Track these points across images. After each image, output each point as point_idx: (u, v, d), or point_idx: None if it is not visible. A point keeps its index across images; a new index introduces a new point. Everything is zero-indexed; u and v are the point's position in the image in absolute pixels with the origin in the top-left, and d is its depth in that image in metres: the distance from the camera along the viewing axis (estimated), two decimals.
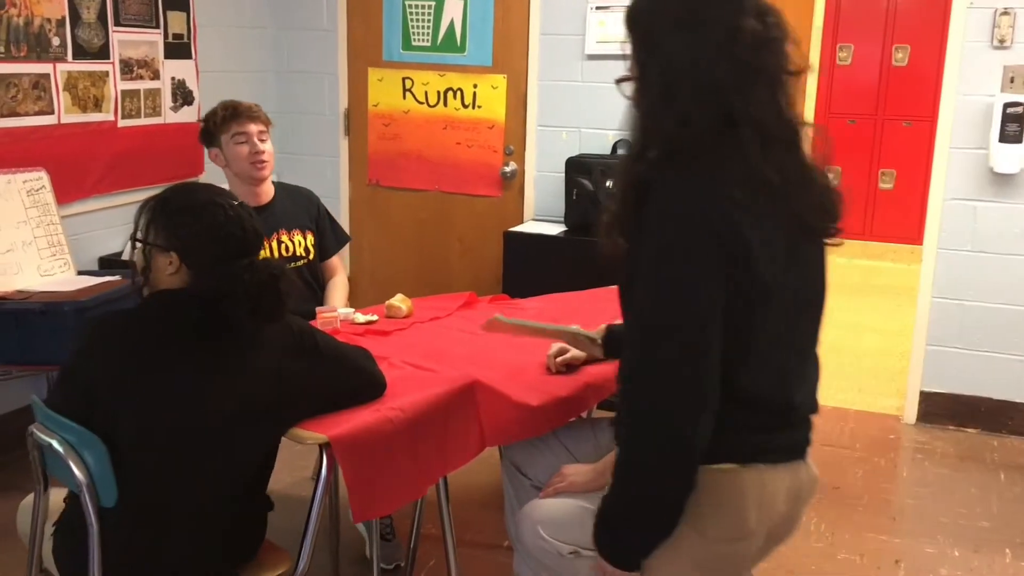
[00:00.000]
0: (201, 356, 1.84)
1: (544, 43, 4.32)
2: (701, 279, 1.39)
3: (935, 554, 3.04)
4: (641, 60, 1.48)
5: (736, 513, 1.48)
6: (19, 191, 3.38)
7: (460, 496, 3.09)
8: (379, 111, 4.73)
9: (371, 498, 2.00)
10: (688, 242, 1.39)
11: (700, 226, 1.39)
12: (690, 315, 1.39)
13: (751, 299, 1.42)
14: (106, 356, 1.83)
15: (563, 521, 2.14)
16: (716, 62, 1.41)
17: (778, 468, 1.50)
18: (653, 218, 1.42)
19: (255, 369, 1.86)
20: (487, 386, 2.24)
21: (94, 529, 1.79)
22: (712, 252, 1.39)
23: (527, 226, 4.34)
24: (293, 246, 2.99)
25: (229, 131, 2.87)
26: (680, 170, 1.43)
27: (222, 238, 1.86)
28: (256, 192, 2.95)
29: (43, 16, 3.54)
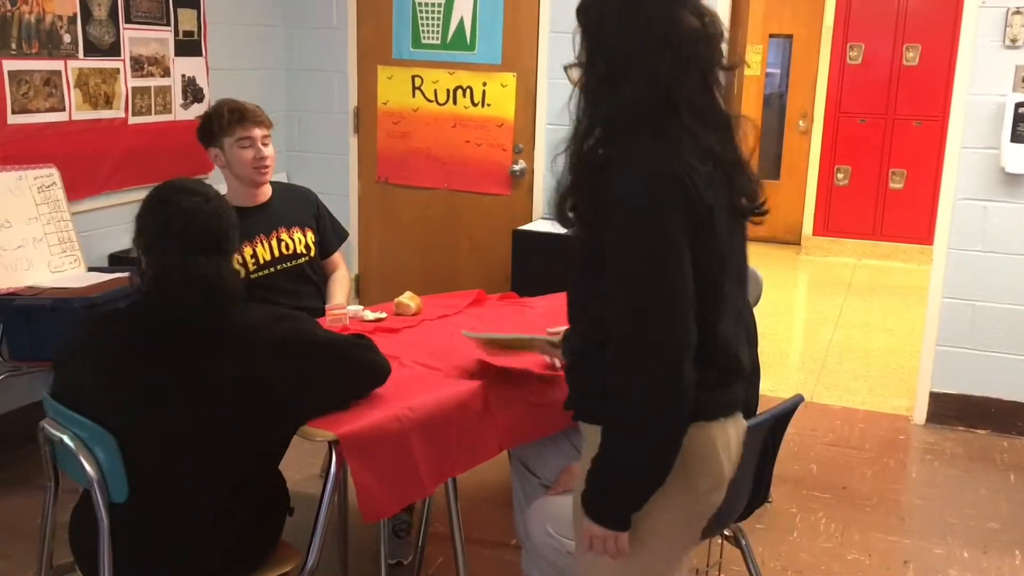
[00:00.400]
0: (160, 358, 1.82)
1: (554, 41, 4.32)
2: (679, 229, 1.50)
3: (944, 555, 3.03)
4: (589, 48, 1.60)
5: (716, 464, 1.63)
6: (30, 187, 3.39)
7: (468, 494, 3.09)
8: (388, 109, 4.73)
9: (380, 497, 2.00)
10: (662, 197, 1.49)
11: (670, 183, 1.50)
12: (674, 264, 1.50)
13: (710, 259, 1.55)
14: (83, 358, 1.88)
15: (572, 518, 2.14)
16: (655, 52, 1.54)
17: (732, 419, 1.65)
18: (621, 183, 1.52)
19: (222, 372, 1.81)
20: (497, 388, 2.24)
21: (104, 524, 1.80)
22: (682, 207, 1.50)
23: (536, 224, 4.34)
24: (293, 244, 2.99)
25: (234, 135, 2.86)
26: (637, 139, 1.53)
27: (173, 233, 1.84)
28: (254, 193, 2.96)
29: (54, 13, 3.55)
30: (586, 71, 1.60)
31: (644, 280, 1.51)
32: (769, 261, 6.97)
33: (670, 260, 1.50)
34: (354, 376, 2.06)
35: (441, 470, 2.14)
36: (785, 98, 7.93)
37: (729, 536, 2.46)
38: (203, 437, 1.81)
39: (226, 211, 1.93)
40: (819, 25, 7.46)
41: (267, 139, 2.92)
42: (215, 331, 1.84)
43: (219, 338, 1.83)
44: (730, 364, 1.64)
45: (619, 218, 1.52)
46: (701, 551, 2.53)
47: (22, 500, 3.24)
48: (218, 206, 1.91)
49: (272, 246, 2.93)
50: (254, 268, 2.91)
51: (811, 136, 7.75)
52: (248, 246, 2.90)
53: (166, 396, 1.80)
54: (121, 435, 1.79)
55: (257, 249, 2.91)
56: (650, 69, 1.54)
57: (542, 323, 2.80)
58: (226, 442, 1.83)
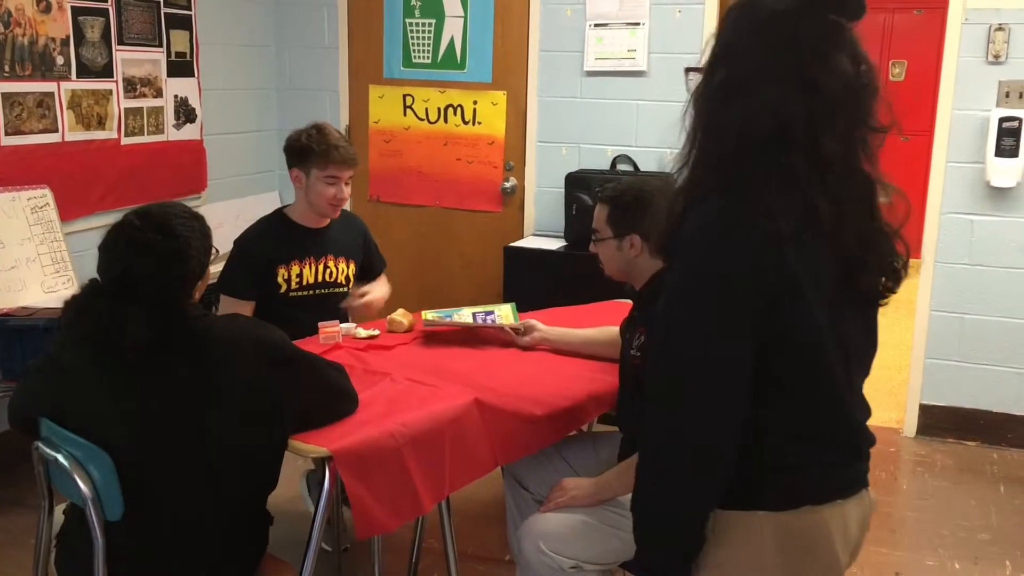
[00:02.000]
0: (119, 374, 1.83)
1: (544, 60, 4.36)
2: (736, 297, 1.32)
3: (935, 567, 3.04)
4: (714, 53, 1.41)
5: (828, 552, 1.44)
6: (23, 208, 3.41)
7: (462, 509, 3.10)
8: (380, 128, 4.76)
9: (375, 513, 2.00)
10: (727, 254, 1.32)
11: (735, 257, 1.31)
12: (708, 352, 1.33)
13: (797, 333, 1.35)
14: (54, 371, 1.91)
15: (565, 535, 2.16)
16: (785, 82, 1.33)
17: (850, 500, 1.47)
18: (692, 225, 1.36)
19: (202, 382, 1.82)
20: (489, 402, 2.26)
21: (99, 543, 1.80)
22: (747, 288, 1.31)
23: (527, 241, 4.36)
24: (336, 273, 3.01)
25: (325, 170, 2.86)
26: (728, 176, 1.34)
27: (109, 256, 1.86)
28: (318, 218, 2.99)
29: (47, 35, 3.58)
30: (704, 77, 1.41)
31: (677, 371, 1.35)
32: None
33: (708, 350, 1.32)
34: (326, 404, 2.07)
35: (437, 486, 2.14)
36: None
37: None
38: (186, 450, 1.82)
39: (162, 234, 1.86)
40: None
41: (350, 179, 2.93)
42: (188, 339, 1.83)
43: (197, 346, 1.83)
44: (844, 444, 1.46)
45: (673, 277, 1.39)
46: None
47: (17, 519, 3.24)
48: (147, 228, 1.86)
49: (319, 270, 2.97)
50: (296, 287, 2.93)
51: None
52: (296, 265, 2.92)
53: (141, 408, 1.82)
54: (113, 451, 1.81)
55: (304, 270, 2.93)
56: (771, 98, 1.33)
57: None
58: (210, 454, 1.84)
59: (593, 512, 2.19)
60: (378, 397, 2.25)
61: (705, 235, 1.34)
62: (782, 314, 1.32)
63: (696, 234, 1.35)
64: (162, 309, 1.81)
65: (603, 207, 2.35)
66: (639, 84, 4.20)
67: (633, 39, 4.16)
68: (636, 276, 2.33)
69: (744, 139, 1.34)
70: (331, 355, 2.57)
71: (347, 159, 2.88)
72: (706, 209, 1.35)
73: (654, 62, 4.16)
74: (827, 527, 1.43)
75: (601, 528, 2.17)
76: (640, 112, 4.22)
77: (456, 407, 2.20)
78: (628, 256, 2.30)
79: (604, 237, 2.34)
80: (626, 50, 4.18)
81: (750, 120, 1.34)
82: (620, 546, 2.19)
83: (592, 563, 2.17)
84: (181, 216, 1.90)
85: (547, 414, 2.32)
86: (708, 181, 1.37)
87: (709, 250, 1.34)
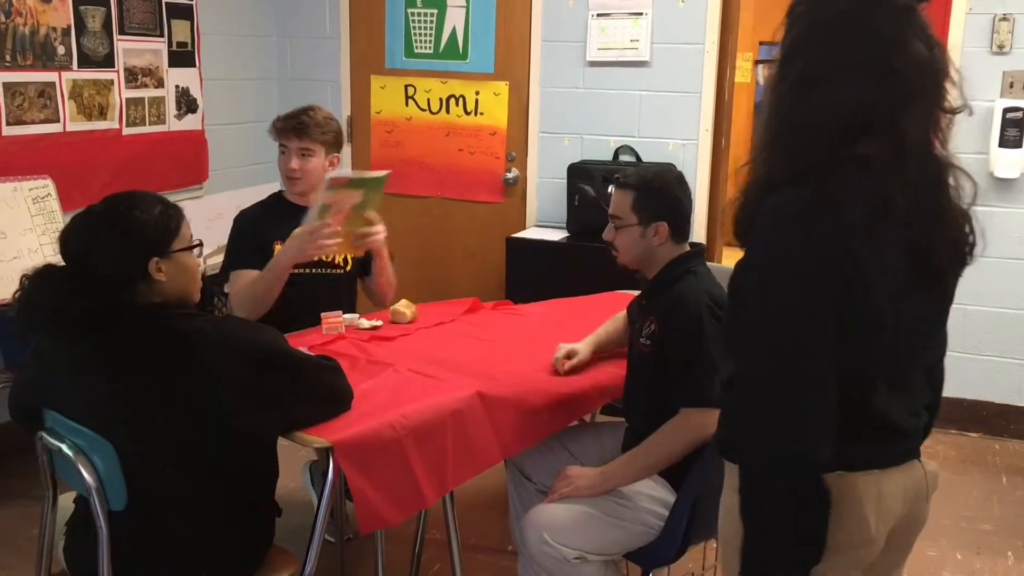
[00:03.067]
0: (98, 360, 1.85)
1: (546, 50, 4.35)
2: (808, 299, 1.34)
3: (937, 557, 3.05)
4: (787, 48, 1.42)
5: (857, 520, 1.44)
6: (25, 199, 3.40)
7: (464, 500, 3.10)
8: (382, 118, 4.75)
9: (377, 505, 2.00)
10: (794, 262, 1.34)
11: (808, 246, 1.33)
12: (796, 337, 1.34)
13: (865, 318, 1.36)
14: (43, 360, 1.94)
15: (568, 526, 2.16)
16: (862, 72, 1.35)
17: (891, 471, 1.47)
18: (770, 208, 1.37)
19: (187, 382, 1.81)
20: (492, 393, 2.25)
21: (103, 533, 1.80)
22: (824, 276, 1.33)
23: (529, 232, 4.36)
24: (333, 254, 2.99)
25: (278, 139, 2.92)
26: (799, 182, 1.36)
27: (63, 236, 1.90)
28: (308, 196, 2.96)
29: (49, 25, 3.57)
30: (779, 71, 1.42)
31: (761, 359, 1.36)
32: None
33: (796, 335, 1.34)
34: (324, 396, 2.05)
35: (440, 479, 2.13)
36: None
37: None
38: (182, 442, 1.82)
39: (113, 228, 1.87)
40: None
41: (308, 151, 2.89)
42: (173, 338, 1.82)
43: (183, 346, 1.82)
44: (898, 426, 1.48)
45: (753, 253, 1.39)
46: (695, 555, 2.54)
47: (19, 510, 3.24)
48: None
49: None
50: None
51: None
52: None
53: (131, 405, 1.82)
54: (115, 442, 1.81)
55: None
56: (850, 87, 1.35)
57: (535, 330, 2.83)
58: (207, 449, 1.84)
59: (597, 503, 2.19)
60: (380, 388, 2.25)
61: (780, 224, 1.36)
62: (850, 301, 1.34)
63: (771, 223, 1.37)
64: (105, 283, 1.81)
65: (627, 193, 2.30)
66: (642, 74, 4.18)
67: (636, 29, 4.14)
68: (652, 264, 2.32)
69: (823, 129, 1.36)
70: (334, 345, 2.57)
71: (292, 127, 2.87)
72: (782, 198, 1.37)
73: (657, 52, 4.14)
74: (856, 492, 1.43)
75: (605, 519, 2.17)
76: (643, 102, 4.21)
77: (458, 399, 2.20)
78: (651, 244, 2.28)
79: (628, 224, 2.29)
80: (629, 40, 4.16)
81: (829, 110, 1.35)
82: (624, 537, 2.20)
83: (596, 554, 2.17)
84: (140, 198, 1.91)
85: (550, 404, 2.32)
86: (785, 170, 1.39)
87: (783, 239, 1.35)
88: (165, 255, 1.88)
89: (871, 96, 1.34)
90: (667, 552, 2.18)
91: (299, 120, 2.89)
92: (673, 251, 2.30)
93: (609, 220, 2.34)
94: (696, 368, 2.14)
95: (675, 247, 2.30)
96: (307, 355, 2.08)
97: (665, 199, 2.27)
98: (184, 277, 1.93)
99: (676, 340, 2.18)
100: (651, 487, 2.22)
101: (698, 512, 2.10)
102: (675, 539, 2.15)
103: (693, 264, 2.29)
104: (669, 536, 2.17)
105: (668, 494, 2.21)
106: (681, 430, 2.16)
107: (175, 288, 1.91)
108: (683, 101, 4.13)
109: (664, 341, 2.22)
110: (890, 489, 1.48)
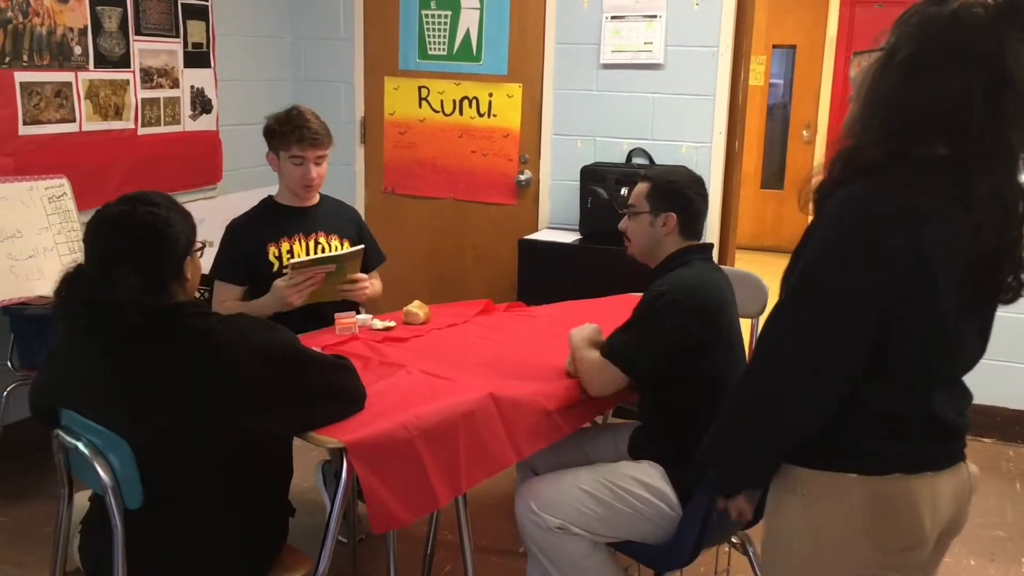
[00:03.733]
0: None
1: (560, 52, 4.35)
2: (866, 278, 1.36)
3: (950, 563, 3.03)
4: (905, 44, 1.40)
5: (913, 521, 1.47)
6: (41, 198, 3.42)
7: (477, 502, 3.10)
8: (395, 119, 4.76)
9: (390, 506, 2.00)
10: (861, 247, 1.36)
11: (878, 234, 1.35)
12: (830, 332, 1.38)
13: (923, 321, 1.39)
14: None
15: (556, 499, 2.23)
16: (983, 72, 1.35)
17: (943, 473, 1.50)
18: (840, 202, 1.39)
19: (202, 376, 1.81)
20: (505, 395, 2.25)
21: (119, 531, 1.81)
22: (882, 266, 1.36)
23: (542, 234, 4.35)
24: (329, 248, 3.00)
25: (289, 150, 2.87)
26: (881, 169, 1.38)
27: (92, 236, 1.90)
28: (302, 197, 2.98)
29: (66, 25, 3.59)
30: (885, 55, 1.42)
31: (794, 340, 1.41)
32: (774, 271, 6.94)
33: (830, 331, 1.38)
34: (337, 395, 2.06)
35: (453, 480, 2.13)
36: (789, 108, 7.96)
37: (737, 544, 2.48)
38: (191, 440, 1.82)
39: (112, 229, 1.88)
40: (822, 35, 7.49)
41: (321, 159, 2.91)
42: (186, 337, 1.83)
43: (198, 346, 1.82)
44: (945, 424, 1.50)
45: (820, 235, 1.41)
46: (708, 559, 2.54)
47: (35, 508, 3.26)
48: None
49: (309, 246, 2.95)
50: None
51: (815, 146, 7.77)
52: (286, 242, 2.93)
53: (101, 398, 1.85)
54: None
55: (295, 246, 2.94)
56: (957, 84, 1.35)
57: (548, 331, 2.83)
58: (220, 449, 1.84)
59: (586, 480, 2.27)
60: (392, 389, 2.26)
61: (855, 208, 1.37)
62: (911, 294, 1.36)
63: (847, 205, 1.38)
64: (148, 283, 1.81)
65: (645, 184, 2.43)
66: (656, 77, 4.18)
67: (650, 31, 4.14)
68: (656, 254, 2.40)
69: (919, 119, 1.37)
70: (347, 346, 2.58)
71: (308, 138, 2.86)
72: (862, 183, 1.39)
73: (670, 55, 4.14)
74: (915, 496, 1.46)
75: (592, 495, 2.23)
76: (656, 105, 4.20)
77: (470, 400, 2.20)
78: (658, 233, 2.37)
79: (641, 211, 2.40)
80: (643, 42, 4.16)
81: (931, 102, 1.36)
82: (610, 516, 2.23)
83: (580, 528, 2.20)
84: (161, 197, 1.92)
85: (563, 406, 2.32)
86: (869, 155, 1.40)
87: (856, 223, 1.37)
88: (191, 254, 1.94)
89: (976, 96, 1.34)
90: (681, 555, 2.18)
91: (308, 130, 2.86)
92: (679, 244, 2.38)
93: (626, 211, 2.45)
94: (632, 329, 2.28)
95: (681, 241, 2.38)
96: (321, 354, 2.08)
97: (679, 193, 2.37)
98: (196, 277, 1.99)
99: (637, 307, 2.31)
100: (646, 472, 2.26)
101: (711, 515, 2.09)
102: (688, 542, 2.15)
103: (692, 256, 2.36)
104: (682, 539, 2.17)
105: (664, 484, 2.25)
106: (593, 369, 2.32)
107: (191, 287, 1.96)
108: (697, 104, 4.12)
109: None
110: (943, 491, 1.50)
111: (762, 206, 8.04)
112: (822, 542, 1.50)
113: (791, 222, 7.66)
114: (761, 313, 3.04)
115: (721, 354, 2.28)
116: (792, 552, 1.54)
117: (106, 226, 1.87)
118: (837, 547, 1.48)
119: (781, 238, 7.69)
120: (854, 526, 1.46)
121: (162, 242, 1.85)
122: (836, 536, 1.48)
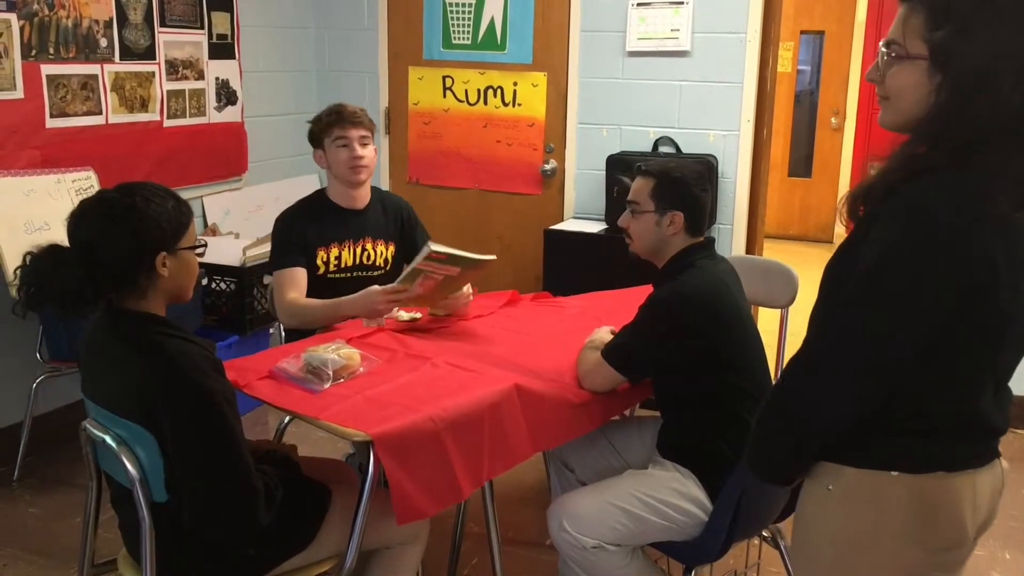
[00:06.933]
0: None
1: (585, 40, 4.31)
2: (920, 295, 1.33)
3: (986, 556, 2.98)
4: (943, 42, 1.37)
5: (956, 519, 1.45)
6: (68, 190, 3.44)
7: (504, 494, 3.09)
8: (419, 109, 4.74)
9: (414, 498, 1.99)
10: (920, 251, 1.33)
11: (939, 237, 1.32)
12: (886, 334, 1.35)
13: (988, 325, 1.38)
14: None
15: (589, 517, 2.17)
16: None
17: (983, 470, 1.48)
18: (894, 212, 1.37)
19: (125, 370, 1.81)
20: (530, 388, 2.24)
21: (147, 523, 1.81)
22: (945, 265, 1.33)
23: (568, 224, 4.32)
24: (375, 256, 3.01)
25: (331, 135, 2.90)
26: (949, 167, 1.35)
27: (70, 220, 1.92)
28: (353, 195, 2.97)
29: (91, 17, 3.60)
30: (936, 69, 1.39)
31: (846, 343, 1.39)
32: (802, 260, 6.89)
33: (887, 332, 1.35)
34: (209, 483, 1.81)
35: (475, 472, 2.12)
36: (816, 95, 7.86)
37: (767, 537, 2.45)
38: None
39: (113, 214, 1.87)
40: (851, 21, 7.39)
41: (366, 140, 2.94)
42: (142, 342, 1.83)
43: (148, 352, 1.81)
44: (986, 425, 1.48)
45: (883, 235, 1.37)
46: (739, 552, 2.51)
47: (63, 499, 3.28)
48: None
49: (357, 253, 2.97)
50: (335, 269, 2.94)
51: (843, 133, 7.68)
52: (336, 247, 2.93)
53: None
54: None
55: (343, 253, 2.95)
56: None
57: (575, 322, 2.80)
58: None
59: (620, 495, 2.20)
60: (419, 382, 2.25)
61: (918, 209, 1.34)
62: (973, 297, 1.33)
63: (910, 206, 1.35)
64: (92, 273, 1.80)
65: (647, 180, 2.31)
66: (682, 64, 4.13)
67: (676, 18, 4.09)
68: (663, 254, 2.33)
69: (990, 117, 1.34)
70: (373, 338, 2.57)
71: (347, 118, 2.89)
72: (924, 184, 1.36)
73: (697, 42, 4.08)
74: (958, 494, 1.44)
75: (626, 511, 2.17)
76: (683, 93, 4.16)
77: (496, 392, 2.18)
78: (664, 233, 2.29)
79: (645, 210, 2.30)
80: (669, 29, 4.11)
81: (1002, 101, 1.33)
82: (644, 530, 2.19)
83: (615, 544, 2.16)
84: (158, 193, 1.89)
85: (588, 400, 2.29)
86: (935, 153, 1.38)
87: (919, 225, 1.33)
88: (172, 251, 1.88)
89: None
90: (710, 549, 2.15)
91: (349, 111, 2.92)
92: (685, 243, 2.30)
93: (627, 206, 2.34)
94: (632, 332, 2.24)
95: (688, 239, 2.30)
96: (241, 447, 1.83)
97: (684, 190, 2.27)
98: (184, 276, 1.94)
99: (641, 310, 2.26)
100: (680, 481, 2.21)
101: (742, 510, 2.06)
102: (718, 536, 2.12)
103: (700, 256, 2.29)
104: (712, 533, 2.15)
105: (698, 490, 2.19)
106: (588, 364, 2.30)
107: (173, 284, 1.91)
108: (724, 91, 4.07)
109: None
110: (982, 488, 1.48)
111: (789, 194, 7.95)
112: (858, 540, 1.46)
113: (818, 210, 7.57)
114: (791, 303, 2.99)
115: (728, 349, 2.23)
116: (825, 549, 1.51)
117: (84, 210, 1.88)
118: (874, 546, 1.45)
119: (808, 226, 7.61)
120: (894, 524, 1.44)
121: (137, 232, 1.83)
122: (873, 534, 1.45)
